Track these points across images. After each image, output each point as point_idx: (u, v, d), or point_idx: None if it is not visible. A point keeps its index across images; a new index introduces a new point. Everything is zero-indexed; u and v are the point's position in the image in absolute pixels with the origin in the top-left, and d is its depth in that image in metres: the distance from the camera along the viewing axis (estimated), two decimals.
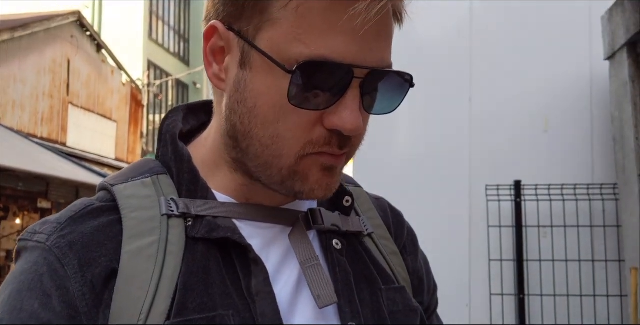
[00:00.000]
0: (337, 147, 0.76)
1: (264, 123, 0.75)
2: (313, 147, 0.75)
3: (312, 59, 0.71)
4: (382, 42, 0.75)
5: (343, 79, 0.72)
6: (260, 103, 0.75)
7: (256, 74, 0.75)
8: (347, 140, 0.76)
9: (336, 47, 0.71)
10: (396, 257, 0.92)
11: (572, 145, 3.26)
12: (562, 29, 3.33)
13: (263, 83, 0.74)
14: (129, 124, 14.78)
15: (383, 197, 1.02)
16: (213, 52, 0.80)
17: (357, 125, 0.73)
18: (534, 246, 3.19)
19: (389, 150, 3.43)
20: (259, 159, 0.77)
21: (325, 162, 0.76)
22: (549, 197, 3.15)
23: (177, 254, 0.75)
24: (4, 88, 10.30)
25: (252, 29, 0.75)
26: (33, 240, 0.76)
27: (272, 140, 0.75)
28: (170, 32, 19.66)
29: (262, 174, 0.78)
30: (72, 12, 12.54)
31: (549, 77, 3.31)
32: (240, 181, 0.82)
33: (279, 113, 0.74)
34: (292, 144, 0.75)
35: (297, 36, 0.71)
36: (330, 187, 0.78)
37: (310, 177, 0.77)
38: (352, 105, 0.73)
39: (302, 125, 0.74)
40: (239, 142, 0.78)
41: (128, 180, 0.82)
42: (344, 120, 0.73)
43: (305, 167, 0.76)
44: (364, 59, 0.72)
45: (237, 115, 0.77)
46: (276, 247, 0.82)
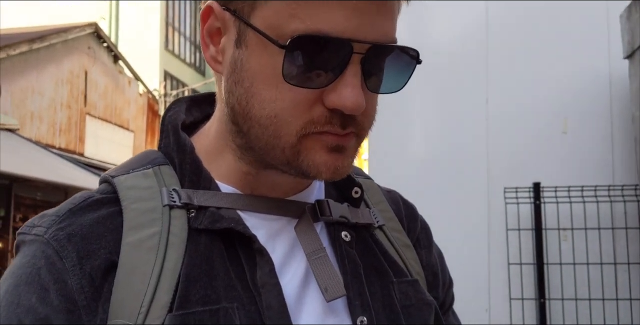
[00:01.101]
0: (339, 127, 0.72)
1: (261, 103, 0.72)
2: (314, 126, 0.72)
3: (307, 33, 0.68)
4: (383, 16, 0.71)
5: (342, 54, 0.69)
6: (257, 82, 0.72)
7: (252, 52, 0.72)
8: (350, 119, 0.72)
9: (333, 21, 0.68)
10: (409, 250, 0.89)
11: (591, 146, 3.20)
12: (579, 28, 3.28)
13: (259, 61, 0.72)
14: (146, 133, 14.88)
15: (395, 190, 0.99)
16: (210, 33, 0.78)
17: (358, 104, 0.70)
18: (554, 249, 3.13)
19: (404, 152, 3.40)
20: (261, 141, 0.74)
21: (329, 142, 0.72)
22: (569, 199, 3.09)
23: (179, 246, 0.73)
24: (23, 99, 10.41)
25: (247, 7, 0.72)
26: (31, 233, 0.74)
27: (271, 120, 0.72)
28: (186, 42, 19.81)
29: (267, 156, 0.75)
30: (89, 23, 12.68)
31: (567, 77, 3.26)
32: (245, 169, 0.80)
33: (276, 92, 0.71)
34: (291, 123, 0.72)
35: (291, 11, 0.69)
36: (339, 170, 0.74)
37: (317, 158, 0.73)
38: (352, 82, 0.69)
39: (300, 104, 0.71)
40: (240, 125, 0.75)
41: (129, 171, 0.79)
42: (344, 98, 0.69)
43: (308, 146, 0.73)
44: (364, 34, 0.69)
45: (234, 96, 0.75)
46: (282, 238, 0.79)
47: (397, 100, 3.41)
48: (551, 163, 3.22)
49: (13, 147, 8.76)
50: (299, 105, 0.71)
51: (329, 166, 0.73)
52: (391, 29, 0.73)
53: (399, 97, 0.79)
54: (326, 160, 0.73)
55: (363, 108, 0.70)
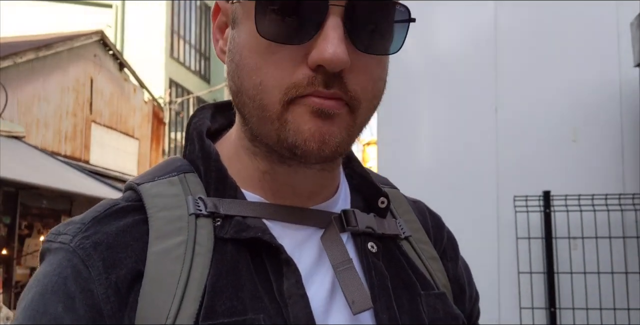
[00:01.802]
0: (322, 86, 0.68)
1: (248, 72, 0.71)
2: (297, 89, 0.69)
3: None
4: None
5: (317, 6, 0.67)
6: (243, 53, 0.72)
7: (241, 27, 0.73)
8: (335, 78, 0.69)
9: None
10: (435, 262, 0.87)
11: (602, 154, 3.19)
12: (589, 36, 3.27)
13: (245, 31, 0.72)
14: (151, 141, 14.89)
15: (421, 200, 0.98)
16: (219, 29, 0.80)
17: (336, 55, 0.66)
18: (565, 258, 3.11)
19: (414, 161, 3.39)
20: (253, 117, 0.73)
21: (313, 105, 0.69)
22: (579, 207, 3.07)
23: (206, 255, 0.72)
24: (29, 107, 10.43)
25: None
26: (57, 241, 0.74)
27: (256, 89, 0.70)
28: (191, 50, 19.86)
29: (263, 135, 0.73)
30: (95, 31, 12.72)
31: (577, 86, 3.25)
32: (262, 168, 0.78)
33: (259, 56, 0.70)
34: (275, 88, 0.69)
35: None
36: (326, 139, 0.69)
37: (301, 125, 0.69)
38: (332, 34, 0.67)
39: (283, 66, 0.69)
40: (238, 107, 0.75)
41: (154, 179, 0.79)
42: (322, 50, 0.66)
43: (293, 113, 0.70)
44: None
45: (230, 76, 0.75)
46: (308, 249, 0.78)
47: (406, 108, 3.40)
48: (561, 171, 3.21)
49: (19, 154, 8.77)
50: (282, 66, 0.69)
51: (314, 133, 0.69)
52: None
53: (407, 106, 0.78)
54: (310, 126, 0.69)
55: (344, 61, 0.67)
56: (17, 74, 10.02)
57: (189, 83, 19.19)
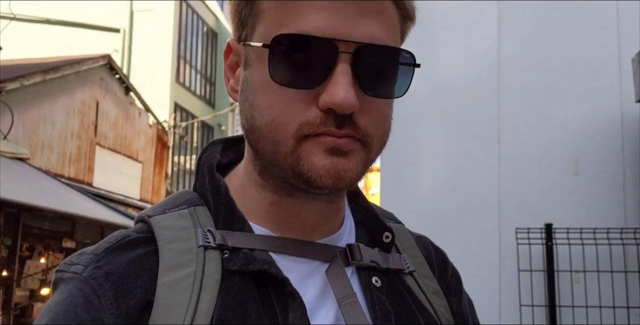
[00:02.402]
0: (334, 126, 0.72)
1: (260, 111, 0.74)
2: (310, 127, 0.72)
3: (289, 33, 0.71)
4: (370, 19, 0.73)
5: (327, 54, 0.71)
6: (256, 93, 0.75)
7: (253, 68, 0.76)
8: (346, 120, 0.72)
9: (314, 22, 0.71)
10: (439, 297, 0.88)
11: (603, 188, 3.21)
12: (591, 71, 3.31)
13: (257, 74, 0.75)
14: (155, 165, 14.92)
15: (425, 236, 0.99)
16: (230, 68, 0.83)
17: (346, 100, 0.70)
18: (567, 291, 3.10)
19: (415, 192, 3.40)
20: (267, 152, 0.76)
21: (327, 144, 0.72)
22: (581, 241, 3.08)
23: (213, 287, 0.73)
24: (34, 129, 10.49)
25: (249, 30, 0.77)
26: (69, 271, 0.76)
27: (269, 127, 0.74)
28: (197, 75, 20.01)
29: (277, 170, 0.76)
30: (102, 55, 12.84)
31: (579, 119, 3.28)
32: (270, 200, 0.81)
33: (270, 97, 0.73)
34: (287, 126, 0.73)
35: (279, 21, 0.73)
36: (340, 175, 0.73)
37: (316, 162, 0.73)
38: (341, 80, 0.70)
39: (294, 105, 0.72)
40: (251, 142, 0.78)
41: (165, 211, 0.81)
42: (333, 95, 0.70)
43: (307, 150, 0.73)
44: (347, 33, 0.71)
45: (243, 114, 0.78)
46: (313, 282, 0.80)
47: (408, 139, 3.43)
48: (563, 204, 3.22)
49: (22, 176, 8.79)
50: (292, 106, 0.72)
51: (329, 169, 0.72)
52: (380, 31, 0.73)
53: (410, 137, 0.81)
54: (325, 163, 0.72)
55: (354, 105, 0.71)
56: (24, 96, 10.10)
57: (194, 107, 19.30)
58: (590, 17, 3.36)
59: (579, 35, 3.36)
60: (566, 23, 3.40)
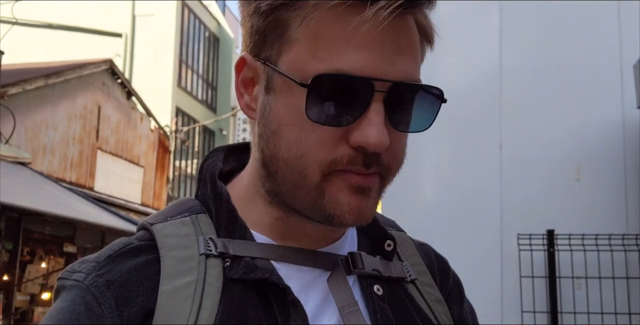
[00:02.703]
0: (362, 166, 0.73)
1: (287, 144, 0.74)
2: (338, 165, 0.73)
3: (327, 72, 0.70)
4: (404, 56, 0.73)
5: (363, 92, 0.71)
6: (283, 124, 0.74)
7: (279, 96, 0.75)
8: (374, 158, 0.73)
9: (352, 60, 0.70)
10: (441, 305, 0.88)
11: (605, 194, 3.20)
12: (593, 77, 3.31)
13: (285, 104, 0.74)
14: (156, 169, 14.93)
15: (427, 243, 0.99)
16: (244, 83, 0.81)
17: (380, 141, 0.71)
18: (569, 298, 3.10)
19: (417, 198, 3.40)
20: (288, 182, 0.76)
21: (353, 182, 0.73)
22: (582, 247, 3.08)
23: (215, 295, 0.73)
24: (36, 133, 10.51)
25: (275, 54, 0.75)
26: (71, 279, 0.76)
27: (297, 160, 0.74)
28: (199, 80, 20.04)
29: (293, 199, 0.77)
30: (104, 60, 12.86)
31: (581, 125, 3.28)
32: (276, 215, 0.81)
33: (301, 132, 0.73)
34: (315, 162, 0.73)
35: (313, 54, 0.71)
36: (363, 212, 0.75)
37: (340, 199, 0.74)
38: (375, 119, 0.71)
39: (324, 144, 0.72)
40: (269, 167, 0.77)
41: (167, 219, 0.81)
42: (367, 135, 0.70)
43: (332, 186, 0.74)
44: (384, 72, 0.71)
45: (264, 140, 0.77)
46: (315, 290, 0.80)
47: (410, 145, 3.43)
48: (565, 210, 3.22)
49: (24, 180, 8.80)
50: (323, 144, 0.72)
51: (353, 208, 0.74)
52: (413, 69, 0.74)
53: (411, 143, 0.80)
54: (349, 201, 0.73)
55: (386, 145, 0.71)
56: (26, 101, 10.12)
57: (195, 112, 19.32)
58: (591, 24, 3.37)
59: (580, 42, 3.36)
60: (567, 30, 3.40)
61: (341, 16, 0.70)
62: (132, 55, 17.42)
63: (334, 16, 0.70)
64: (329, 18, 0.71)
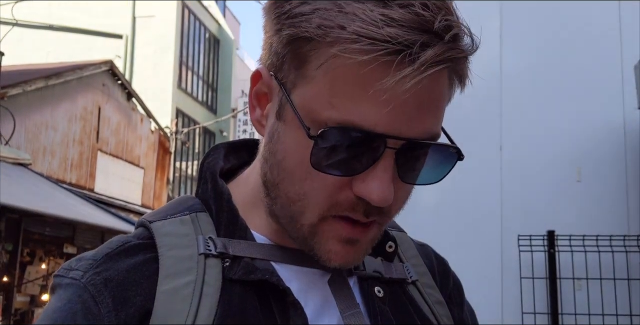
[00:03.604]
0: (361, 214, 0.71)
1: (291, 179, 0.72)
2: (337, 208, 0.71)
3: (339, 124, 0.67)
4: (425, 112, 0.68)
5: (374, 148, 0.67)
6: (289, 157, 0.72)
7: (288, 127, 0.72)
8: (375, 209, 0.71)
9: (367, 114, 0.66)
10: (442, 306, 0.87)
11: (606, 195, 3.20)
12: (593, 78, 3.31)
13: (293, 138, 0.71)
14: (156, 170, 14.92)
15: (427, 244, 0.98)
16: (257, 96, 0.78)
17: (384, 197, 0.68)
18: (569, 299, 3.09)
19: (417, 199, 3.38)
20: (285, 212, 0.75)
21: (344, 234, 0.72)
22: (583, 248, 3.07)
23: (213, 296, 0.73)
24: (36, 134, 10.50)
25: (289, 83, 0.72)
26: (68, 276, 0.75)
27: (298, 196, 0.72)
28: (199, 81, 20.04)
29: (288, 227, 0.76)
30: (104, 61, 12.85)
31: (581, 126, 3.28)
32: (275, 226, 0.80)
33: (306, 172, 0.70)
34: (316, 203, 0.71)
35: (328, 99, 0.67)
36: (348, 262, 0.74)
37: (329, 245, 0.73)
38: (382, 175, 0.68)
39: (328, 188, 0.70)
40: (269, 191, 0.76)
41: (167, 217, 0.80)
42: (371, 191, 0.68)
43: (325, 231, 0.73)
44: (399, 130, 0.67)
45: (268, 165, 0.75)
46: (315, 292, 0.79)
47: None
48: (565, 211, 3.21)
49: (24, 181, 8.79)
50: (327, 188, 0.70)
51: (339, 257, 0.73)
52: (433, 125, 0.70)
53: None
54: (337, 250, 0.73)
55: (389, 202, 0.69)
56: (26, 102, 10.11)
57: (195, 113, 19.32)
58: (591, 25, 3.36)
59: (581, 43, 3.36)
60: (568, 31, 3.40)
61: (368, 69, 0.65)
62: (132, 57, 17.42)
63: (360, 67, 0.65)
64: (352, 66, 0.66)
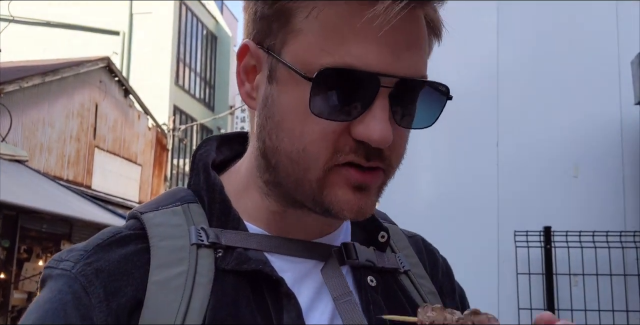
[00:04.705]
0: (363, 158, 0.72)
1: (290, 137, 0.73)
2: (339, 155, 0.72)
3: (334, 66, 0.69)
4: (412, 51, 0.72)
5: (369, 87, 0.69)
6: (286, 116, 0.73)
7: (282, 87, 0.73)
8: (375, 152, 0.72)
9: (360, 54, 0.69)
10: (434, 297, 0.88)
11: (603, 191, 3.19)
12: (590, 74, 3.30)
13: (289, 96, 0.72)
14: (154, 167, 14.92)
15: (417, 234, 0.99)
16: (245, 71, 0.79)
17: (384, 136, 0.70)
18: (565, 295, 3.09)
19: (414, 195, 3.39)
20: (290, 176, 0.74)
21: (353, 180, 0.72)
22: (579, 244, 3.07)
23: (206, 286, 0.72)
24: (33, 131, 10.49)
25: (279, 43, 0.73)
26: (59, 267, 0.74)
27: (299, 154, 0.72)
28: (196, 78, 20.02)
29: (295, 192, 0.75)
30: (101, 58, 12.84)
31: (578, 122, 3.27)
32: (273, 208, 0.80)
33: (304, 126, 0.71)
34: (319, 156, 0.72)
35: (320, 46, 0.70)
36: (362, 210, 0.74)
37: (340, 195, 0.73)
38: (380, 115, 0.70)
39: (327, 137, 0.71)
40: (269, 159, 0.76)
41: (158, 208, 0.80)
42: (371, 131, 0.69)
43: (332, 181, 0.73)
44: (391, 68, 0.70)
45: (265, 131, 0.75)
46: (309, 281, 0.79)
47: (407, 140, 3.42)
48: (562, 207, 3.21)
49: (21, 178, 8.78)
50: (326, 137, 0.71)
51: (352, 205, 0.73)
52: (421, 64, 0.73)
53: (409, 140, 0.79)
54: (349, 198, 0.73)
55: (389, 142, 0.70)
56: (22, 99, 10.10)
57: (193, 110, 19.31)
58: (588, 21, 3.36)
59: (578, 38, 3.35)
60: (565, 26, 3.39)
61: (351, 10, 0.69)
62: (129, 53, 17.40)
63: (344, 9, 0.69)
64: (339, 11, 0.69)
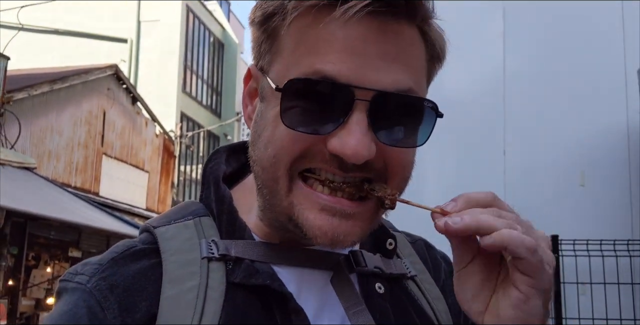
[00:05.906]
0: (337, 168, 0.69)
1: (265, 146, 0.73)
2: (304, 161, 0.70)
3: (303, 76, 0.68)
4: (392, 64, 0.69)
5: (343, 99, 0.67)
6: (266, 129, 0.74)
7: (268, 103, 0.74)
8: (350, 165, 0.69)
9: (332, 63, 0.67)
10: (440, 302, 0.89)
11: (609, 200, 3.19)
12: (597, 82, 3.31)
13: (270, 110, 0.73)
14: (161, 174, 14.93)
15: (420, 238, 0.99)
16: (249, 94, 0.81)
17: (357, 151, 0.67)
18: (573, 304, 3.08)
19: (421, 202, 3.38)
20: (265, 188, 0.74)
21: (321, 200, 0.70)
22: (587, 252, 3.06)
23: (217, 301, 0.73)
24: (42, 138, 10.53)
25: (266, 64, 0.75)
26: (74, 281, 0.75)
27: (269, 160, 0.72)
28: (204, 85, 20.07)
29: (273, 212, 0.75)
30: (109, 65, 12.89)
31: (585, 131, 3.27)
32: (267, 230, 0.81)
33: (277, 132, 0.71)
34: (284, 161, 0.71)
35: (296, 60, 0.70)
36: (339, 238, 0.70)
37: (310, 218, 0.71)
38: (355, 129, 0.67)
39: (296, 144, 0.70)
40: (256, 174, 0.77)
41: (171, 222, 0.81)
42: (344, 145, 0.67)
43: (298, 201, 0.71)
44: (366, 80, 0.67)
45: (252, 145, 0.77)
46: (315, 292, 0.80)
47: None
48: (569, 216, 3.20)
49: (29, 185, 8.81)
50: (294, 144, 0.70)
51: (325, 232, 0.70)
52: (404, 78, 0.69)
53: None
54: (321, 224, 0.70)
55: (365, 157, 0.68)
56: (31, 106, 10.14)
57: (200, 117, 19.34)
58: (595, 30, 3.36)
59: (584, 48, 3.36)
60: (571, 36, 3.40)
61: (319, 19, 0.68)
62: (137, 61, 17.47)
63: (312, 19, 0.69)
64: (308, 21, 0.69)
